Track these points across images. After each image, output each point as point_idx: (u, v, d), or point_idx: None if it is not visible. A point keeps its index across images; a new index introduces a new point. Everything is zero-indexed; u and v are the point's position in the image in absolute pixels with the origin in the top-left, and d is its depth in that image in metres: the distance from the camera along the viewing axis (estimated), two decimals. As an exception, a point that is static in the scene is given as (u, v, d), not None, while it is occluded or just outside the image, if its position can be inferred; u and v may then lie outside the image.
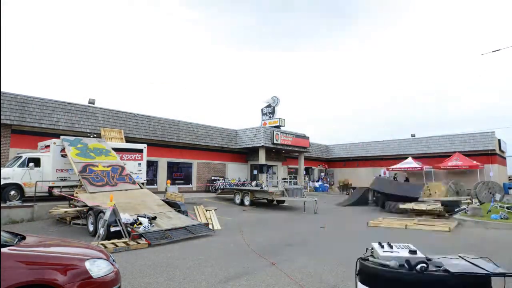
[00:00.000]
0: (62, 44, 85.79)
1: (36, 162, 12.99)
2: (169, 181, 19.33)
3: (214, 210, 12.34)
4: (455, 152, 27.08)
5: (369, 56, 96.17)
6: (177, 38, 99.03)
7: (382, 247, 2.80)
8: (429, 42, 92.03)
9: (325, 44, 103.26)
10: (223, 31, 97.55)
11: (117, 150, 15.09)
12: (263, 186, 19.01)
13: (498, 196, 15.48)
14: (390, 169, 29.38)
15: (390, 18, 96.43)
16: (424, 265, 2.41)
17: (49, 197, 13.45)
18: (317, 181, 32.44)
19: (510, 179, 26.92)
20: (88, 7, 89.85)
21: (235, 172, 26.78)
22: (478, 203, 14.57)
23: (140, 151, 16.87)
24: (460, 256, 2.73)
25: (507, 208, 12.93)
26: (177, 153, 22.89)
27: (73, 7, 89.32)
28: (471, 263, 2.60)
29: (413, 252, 2.66)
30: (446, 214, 12.97)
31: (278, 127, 27.43)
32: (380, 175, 31.99)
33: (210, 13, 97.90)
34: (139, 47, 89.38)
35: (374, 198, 19.13)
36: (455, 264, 2.56)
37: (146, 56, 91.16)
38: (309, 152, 30.36)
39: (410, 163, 28.11)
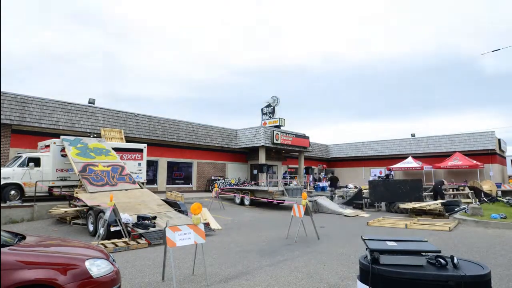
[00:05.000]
0: (62, 44, 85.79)
1: (36, 162, 13.00)
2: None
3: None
4: (455, 151, 27.08)
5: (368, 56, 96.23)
6: (177, 37, 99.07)
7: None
8: (430, 40, 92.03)
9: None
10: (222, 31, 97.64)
11: (117, 150, 15.10)
12: (263, 186, 19.02)
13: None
14: (390, 169, 29.39)
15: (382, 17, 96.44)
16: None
17: (49, 197, 13.45)
18: (319, 180, 32.21)
19: (510, 179, 26.94)
20: (87, 7, 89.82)
21: (235, 172, 26.79)
22: (478, 203, 14.58)
23: (140, 151, 16.87)
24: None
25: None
26: (177, 153, 22.89)
27: (74, 5, 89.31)
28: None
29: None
30: (446, 214, 12.97)
31: (278, 127, 27.43)
32: (375, 175, 32.02)
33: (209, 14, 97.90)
34: (138, 47, 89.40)
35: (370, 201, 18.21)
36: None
37: (145, 56, 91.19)
38: (309, 152, 30.36)
39: (410, 163, 28.12)
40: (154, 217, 9.56)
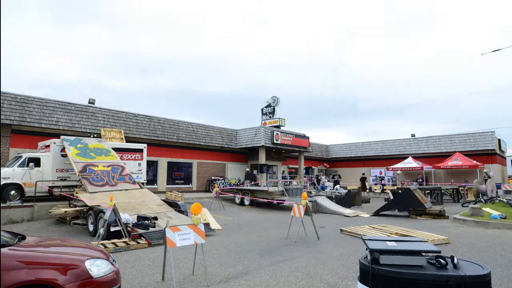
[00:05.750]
0: (62, 44, 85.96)
1: (36, 162, 13.00)
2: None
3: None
4: (455, 152, 27.07)
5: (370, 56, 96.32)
6: (176, 36, 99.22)
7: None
8: (430, 40, 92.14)
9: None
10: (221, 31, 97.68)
11: (117, 150, 15.09)
12: (263, 186, 19.00)
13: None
14: (390, 169, 29.40)
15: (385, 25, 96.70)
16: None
17: (49, 197, 13.45)
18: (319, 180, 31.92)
19: (510, 179, 26.94)
20: (88, 6, 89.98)
21: (235, 172, 26.78)
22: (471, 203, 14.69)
23: (140, 151, 16.87)
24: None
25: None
26: (177, 153, 22.89)
27: (75, 5, 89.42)
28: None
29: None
30: (446, 214, 12.97)
31: (278, 127, 27.43)
32: (376, 176, 32.00)
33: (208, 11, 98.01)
34: (138, 46, 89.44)
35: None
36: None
37: (146, 55, 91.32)
38: (309, 152, 30.34)
39: (410, 163, 28.12)
40: (155, 218, 9.56)
